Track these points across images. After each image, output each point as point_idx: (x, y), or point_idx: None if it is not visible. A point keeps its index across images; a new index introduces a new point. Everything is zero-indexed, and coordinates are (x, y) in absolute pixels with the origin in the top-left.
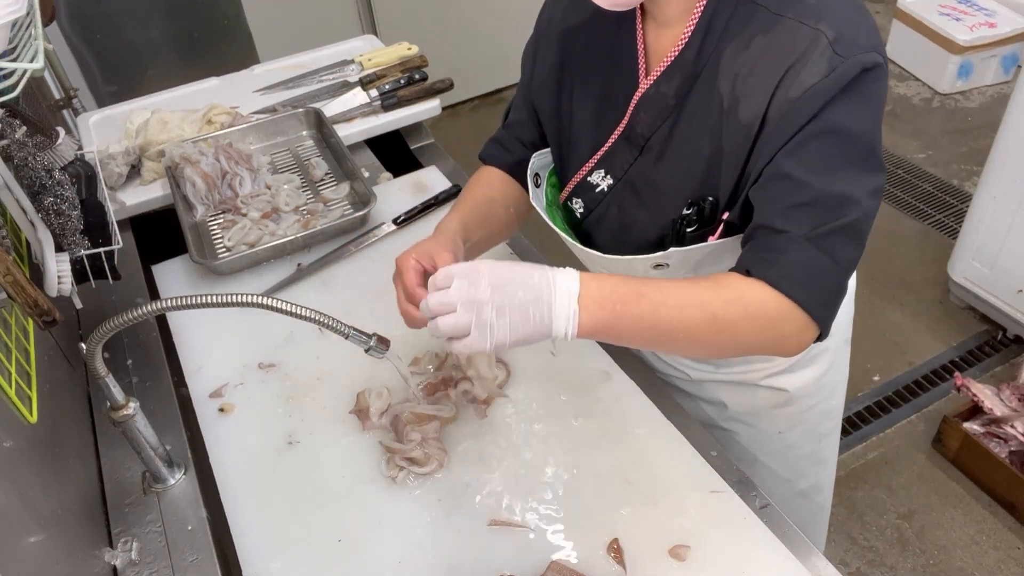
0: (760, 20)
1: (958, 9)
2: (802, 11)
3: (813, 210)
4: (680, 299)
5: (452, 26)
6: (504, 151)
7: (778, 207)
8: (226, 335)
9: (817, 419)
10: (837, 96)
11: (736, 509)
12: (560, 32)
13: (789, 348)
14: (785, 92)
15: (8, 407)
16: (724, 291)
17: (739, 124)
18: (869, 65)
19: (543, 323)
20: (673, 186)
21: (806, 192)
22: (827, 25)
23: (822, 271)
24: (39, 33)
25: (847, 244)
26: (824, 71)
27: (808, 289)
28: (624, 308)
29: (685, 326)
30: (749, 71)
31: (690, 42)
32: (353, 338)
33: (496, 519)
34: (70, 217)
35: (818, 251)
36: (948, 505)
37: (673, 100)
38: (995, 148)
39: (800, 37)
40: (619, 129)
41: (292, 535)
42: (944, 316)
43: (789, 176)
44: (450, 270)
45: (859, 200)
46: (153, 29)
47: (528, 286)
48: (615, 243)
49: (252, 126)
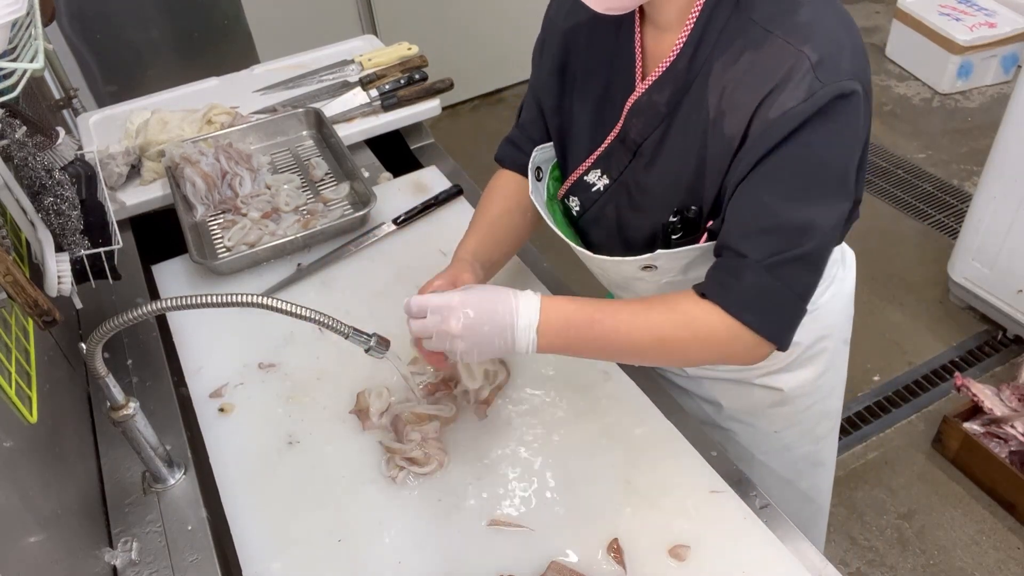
0: (750, 35)
1: (958, 9)
2: (791, 30)
3: (773, 237)
4: (631, 324)
5: (452, 26)
6: (519, 152)
7: (742, 229)
8: (226, 335)
9: (815, 419)
10: (811, 121)
11: (736, 509)
12: (563, 31)
13: (742, 361)
14: (766, 112)
15: (8, 407)
16: (674, 315)
17: (723, 137)
18: (846, 92)
19: (506, 348)
20: (663, 192)
21: (769, 218)
22: (812, 48)
23: (776, 297)
24: (39, 33)
25: (803, 272)
26: (803, 95)
27: (760, 314)
28: (577, 333)
29: (634, 348)
30: (736, 86)
31: (683, 52)
32: (353, 338)
33: (496, 519)
34: (70, 217)
35: (773, 278)
36: (948, 505)
37: (664, 109)
38: (995, 148)
39: (785, 57)
40: (615, 131)
41: (292, 535)
42: (944, 316)
43: (756, 198)
44: (424, 303)
45: (821, 228)
46: (153, 29)
47: (493, 321)
48: (610, 241)
49: (252, 126)
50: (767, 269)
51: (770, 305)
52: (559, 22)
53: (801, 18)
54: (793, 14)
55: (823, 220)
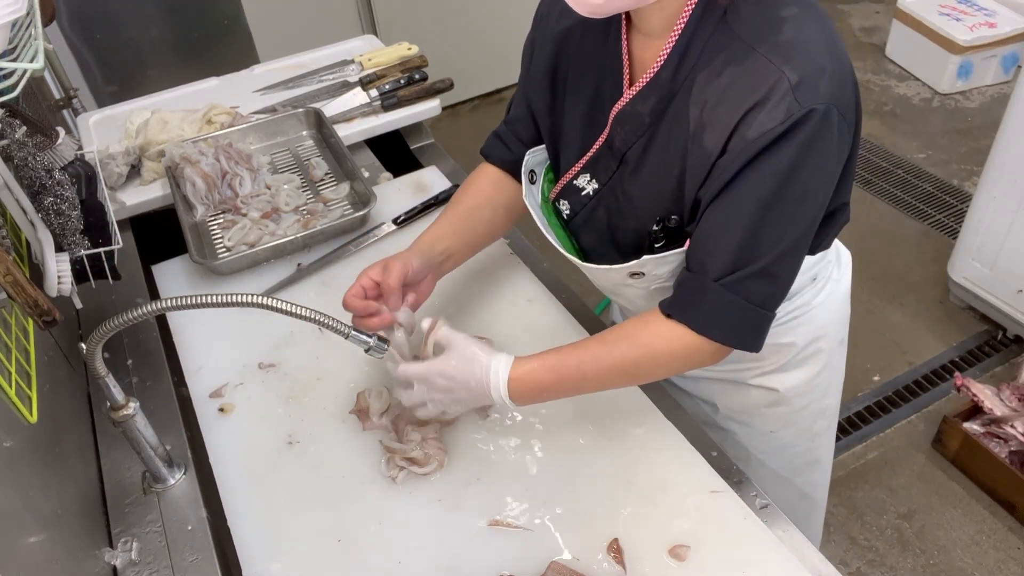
0: (734, 50)
1: (958, 9)
2: (773, 47)
3: (732, 255)
4: (597, 369)
5: (452, 26)
6: (505, 148)
7: (704, 245)
8: (226, 335)
9: (811, 419)
10: (784, 142)
11: (736, 509)
12: (555, 33)
13: (707, 364)
14: (744, 131)
15: (8, 407)
16: (636, 348)
17: (702, 150)
18: (820, 115)
19: (484, 405)
20: (647, 200)
21: (730, 235)
22: (792, 68)
23: (738, 312)
24: (39, 33)
25: (762, 285)
26: (781, 117)
27: (724, 328)
28: (547, 392)
29: (603, 384)
30: (717, 101)
31: (667, 63)
32: (353, 338)
33: (496, 519)
34: (70, 217)
35: (733, 294)
36: (948, 505)
37: (648, 119)
38: (995, 148)
39: (766, 76)
40: (602, 137)
41: (292, 535)
42: (944, 316)
43: (721, 215)
44: (408, 374)
45: (780, 243)
46: (153, 29)
47: (468, 387)
48: (601, 245)
49: (252, 126)
50: (727, 287)
51: (734, 319)
52: (552, 23)
53: (784, 36)
54: (777, 32)
55: (785, 236)
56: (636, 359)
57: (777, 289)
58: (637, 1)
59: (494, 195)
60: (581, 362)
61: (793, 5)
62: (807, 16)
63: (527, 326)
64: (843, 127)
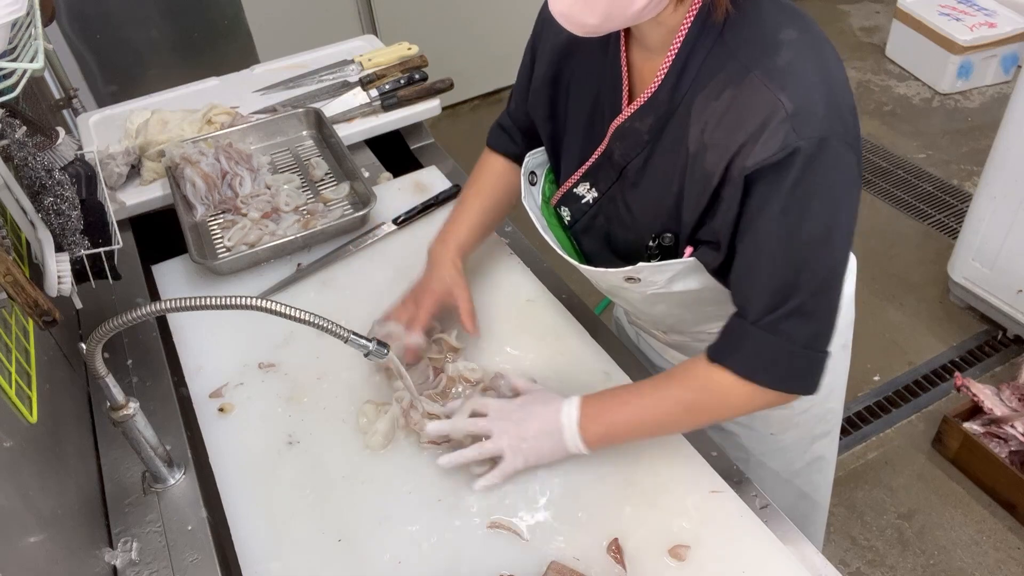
0: (731, 71)
1: (958, 9)
2: (770, 71)
3: (765, 297)
4: (657, 400)
5: (452, 26)
6: (510, 141)
7: (741, 289)
8: (226, 335)
9: (812, 422)
10: (789, 175)
11: (736, 509)
12: (557, 41)
13: (775, 405)
14: (743, 160)
15: (8, 407)
16: (693, 382)
17: (702, 172)
18: (818, 146)
19: (560, 453)
20: (646, 214)
21: (760, 277)
22: (788, 96)
23: (779, 354)
24: (39, 33)
25: (800, 324)
26: (778, 147)
27: (769, 373)
28: (617, 432)
29: (670, 423)
30: (716, 124)
31: (665, 81)
32: (352, 342)
33: (496, 520)
34: (70, 217)
35: (773, 335)
36: (948, 505)
37: (647, 136)
38: (995, 148)
39: (762, 103)
40: (601, 148)
41: (292, 535)
42: (944, 316)
43: (747, 256)
44: (488, 408)
45: (809, 279)
46: (153, 29)
47: (548, 432)
48: (602, 251)
49: (252, 126)
50: (765, 328)
51: (777, 362)
52: (554, 29)
53: (781, 61)
54: (774, 55)
55: (817, 272)
56: (695, 392)
57: (820, 327)
58: (632, 20)
59: (503, 189)
60: (641, 394)
61: (791, 28)
62: (805, 41)
63: (527, 326)
64: (844, 152)
